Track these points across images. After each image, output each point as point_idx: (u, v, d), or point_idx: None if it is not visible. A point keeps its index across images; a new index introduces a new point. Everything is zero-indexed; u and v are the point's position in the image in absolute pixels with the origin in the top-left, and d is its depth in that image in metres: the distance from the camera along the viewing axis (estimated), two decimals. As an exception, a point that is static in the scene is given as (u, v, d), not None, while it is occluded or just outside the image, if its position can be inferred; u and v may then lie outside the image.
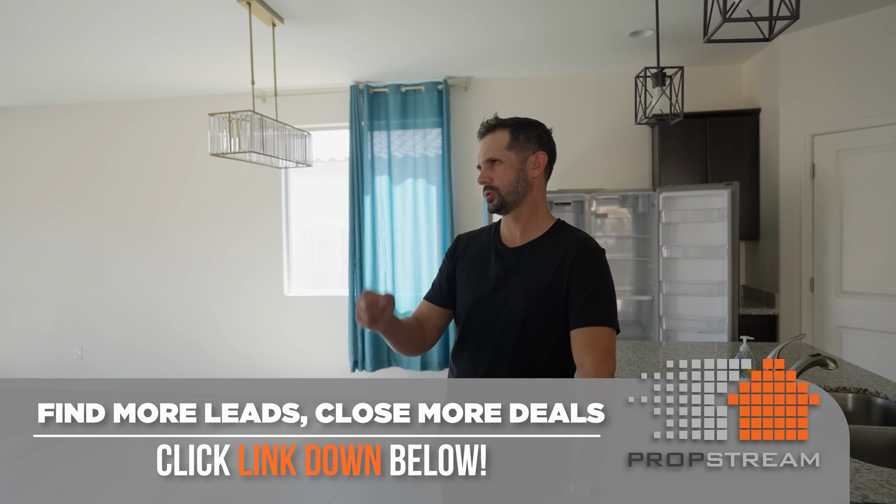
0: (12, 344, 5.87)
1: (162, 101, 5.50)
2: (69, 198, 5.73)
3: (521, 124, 1.58)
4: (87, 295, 5.74)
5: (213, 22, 3.57)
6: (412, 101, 5.05)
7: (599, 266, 1.48)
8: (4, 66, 4.46)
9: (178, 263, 5.59)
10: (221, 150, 3.03)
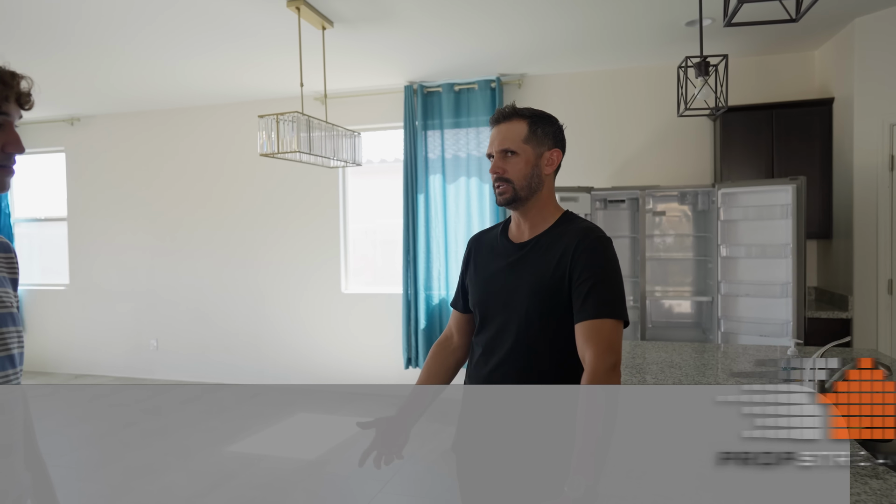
0: (98, 335, 6.32)
1: (223, 106, 5.77)
2: (144, 199, 6.11)
3: (539, 117, 1.53)
4: (162, 290, 6.10)
5: (267, 28, 3.71)
6: (465, 100, 5.06)
7: (602, 255, 1.42)
8: (84, 78, 4.82)
9: (242, 261, 5.84)
10: (270, 151, 3.15)
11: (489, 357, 1.54)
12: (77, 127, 6.29)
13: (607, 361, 1.31)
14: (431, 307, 5.15)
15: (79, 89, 5.21)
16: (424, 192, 5.14)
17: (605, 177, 4.76)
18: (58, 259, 6.55)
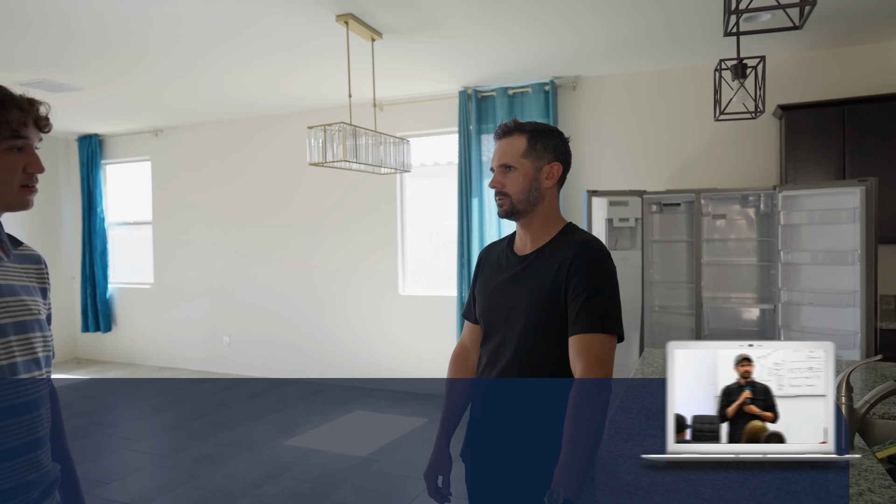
0: (177, 330, 6.79)
1: (286, 116, 6.04)
2: (218, 204, 6.51)
3: (540, 132, 1.56)
4: (234, 290, 6.48)
5: (319, 42, 3.88)
6: (519, 104, 5.06)
7: (598, 268, 1.42)
8: (165, 93, 5.21)
9: (305, 263, 6.11)
10: (318, 161, 3.30)
11: (492, 367, 1.58)
12: (161, 137, 6.78)
13: (596, 376, 1.31)
14: (485, 310, 5.19)
15: (161, 103, 5.63)
16: (479, 196, 5.19)
17: (662, 179, 4.62)
18: (144, 260, 7.09)
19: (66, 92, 5.08)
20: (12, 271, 1.27)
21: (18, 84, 4.78)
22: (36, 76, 4.65)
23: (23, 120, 1.20)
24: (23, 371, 1.20)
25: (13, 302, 1.23)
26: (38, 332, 1.27)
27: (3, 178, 1.18)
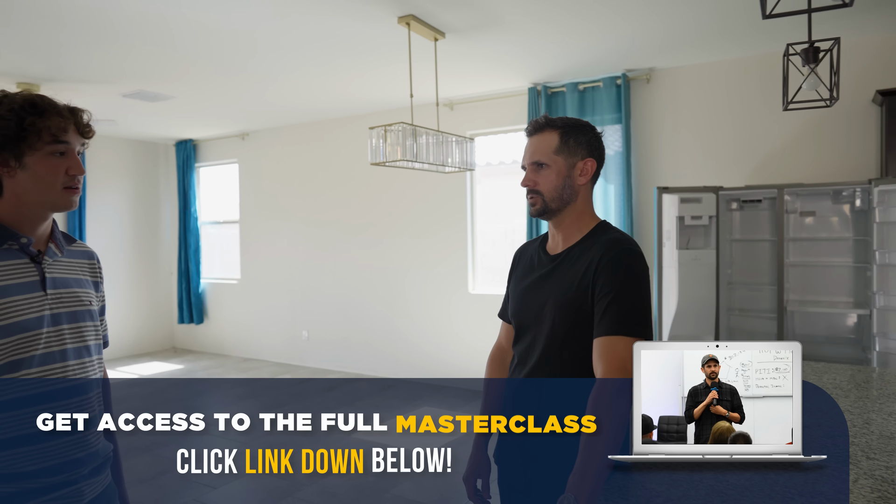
0: (261, 324, 7.16)
1: (358, 117, 6.18)
2: (297, 203, 6.79)
3: (572, 127, 1.50)
4: (312, 287, 6.74)
5: (382, 44, 3.95)
6: (590, 99, 4.93)
7: (626, 268, 1.35)
8: (249, 99, 5.50)
9: (378, 261, 6.25)
10: (379, 161, 3.37)
11: (522, 368, 1.55)
12: (247, 141, 7.17)
13: (616, 380, 1.26)
14: (553, 310, 5.10)
15: (244, 108, 5.96)
16: (547, 194, 5.10)
17: (741, 175, 4.35)
18: (232, 257, 7.53)
19: (161, 101, 5.48)
20: (66, 266, 1.39)
21: (120, 95, 5.24)
22: (134, 87, 5.05)
23: (63, 126, 1.29)
24: (72, 357, 1.32)
25: (66, 294, 1.35)
26: (90, 321, 1.39)
27: (47, 180, 1.28)
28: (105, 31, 3.70)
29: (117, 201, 7.40)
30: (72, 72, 4.58)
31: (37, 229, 1.33)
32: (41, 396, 1.26)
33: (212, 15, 3.44)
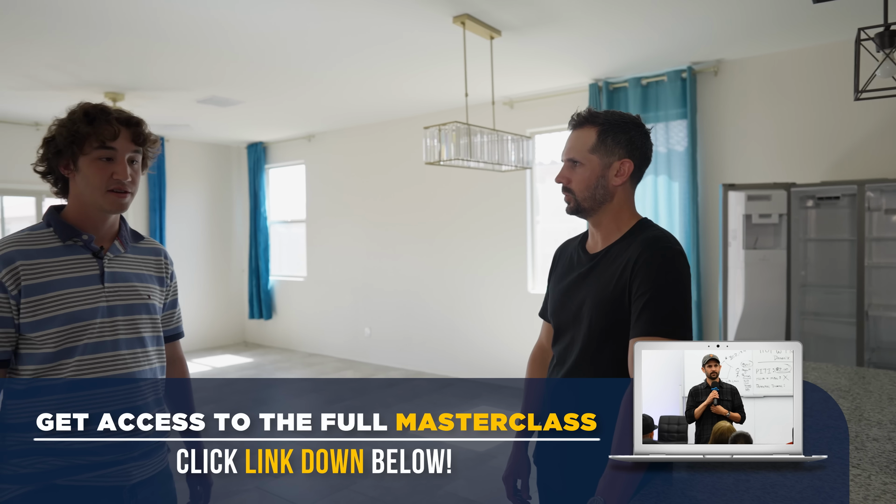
0: (325, 321, 7.38)
1: (418, 117, 6.25)
2: (361, 203, 6.94)
3: (612, 124, 1.45)
4: (374, 285, 6.88)
5: (438, 43, 3.98)
6: (654, 94, 4.78)
7: (664, 267, 1.31)
8: (315, 102, 5.67)
9: (438, 260, 6.30)
10: (434, 160, 3.40)
11: (560, 368, 1.53)
12: (313, 142, 7.40)
13: None
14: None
15: (308, 111, 6.15)
16: (608, 193, 4.99)
17: (817, 170, 4.09)
18: (299, 255, 7.79)
19: (232, 105, 5.75)
20: (128, 261, 1.49)
21: (195, 101, 5.52)
22: (207, 94, 5.32)
23: (111, 133, 1.38)
24: (125, 347, 1.41)
25: (124, 287, 1.45)
26: (146, 314, 1.48)
27: (93, 182, 1.39)
28: (179, 41, 3.91)
29: (193, 202, 7.81)
30: (151, 81, 4.88)
31: (100, 228, 1.44)
32: (92, 382, 1.36)
33: (273, 21, 3.58)
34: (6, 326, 1.32)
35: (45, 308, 1.33)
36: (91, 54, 4.18)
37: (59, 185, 1.45)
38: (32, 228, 1.41)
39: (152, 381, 1.46)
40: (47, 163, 1.42)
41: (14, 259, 1.32)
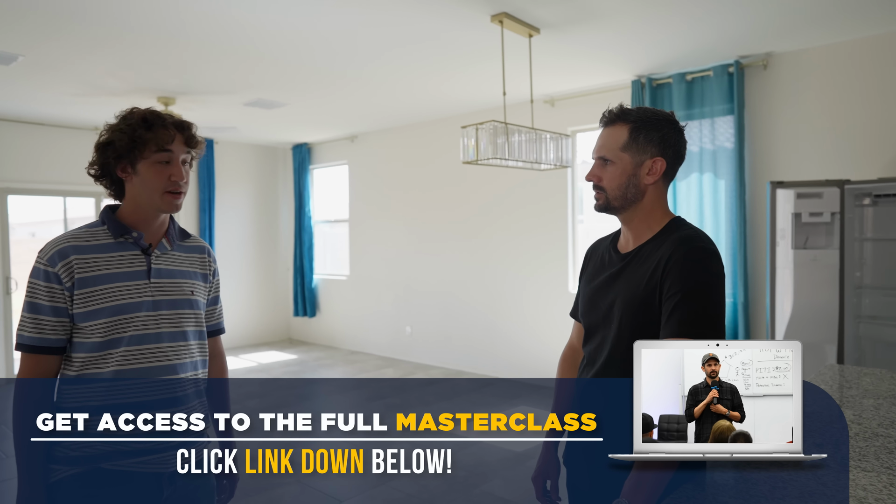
0: (367, 319, 7.47)
1: (458, 117, 6.25)
2: (402, 203, 7.01)
3: (645, 122, 1.42)
4: (415, 283, 6.93)
5: (476, 42, 3.98)
6: (699, 89, 4.65)
7: (696, 267, 1.27)
8: (357, 103, 5.76)
9: (478, 259, 6.30)
10: (471, 159, 3.41)
11: (590, 368, 1.51)
12: (355, 143, 7.51)
13: None
14: (657, 312, 4.87)
15: (352, 112, 6.25)
16: (651, 191, 4.88)
17: (874, 167, 3.91)
18: (342, 254, 7.92)
19: (277, 108, 5.89)
20: (174, 259, 1.56)
21: (242, 104, 5.69)
22: (253, 97, 5.47)
23: (168, 138, 1.47)
24: (167, 340, 1.48)
25: (170, 283, 1.52)
26: (189, 309, 1.54)
27: (152, 184, 1.47)
28: (226, 46, 4.04)
29: (241, 202, 8.04)
30: (200, 85, 5.05)
31: (150, 226, 1.51)
32: (136, 372, 1.43)
33: (314, 24, 3.65)
34: (61, 316, 1.41)
35: (95, 300, 1.41)
36: (144, 61, 4.36)
37: (113, 187, 1.53)
38: (89, 226, 1.50)
39: (193, 374, 1.53)
40: (104, 166, 1.49)
41: (68, 254, 1.41)
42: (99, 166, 1.50)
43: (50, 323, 1.40)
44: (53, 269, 1.40)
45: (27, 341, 1.40)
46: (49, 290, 1.40)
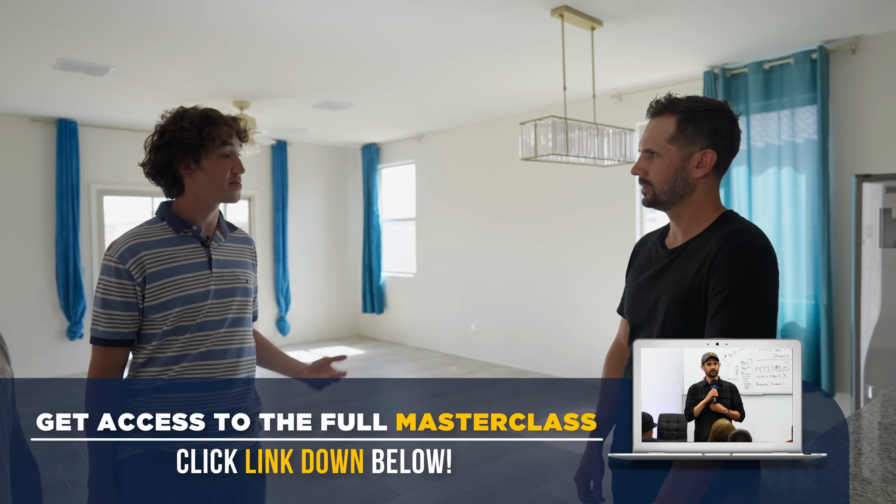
0: (433, 316, 7.54)
1: (521, 115, 6.18)
2: (468, 201, 7.02)
3: (694, 112, 1.35)
4: (481, 281, 6.93)
5: (537, 38, 3.93)
6: (777, 78, 4.39)
7: (745, 262, 1.20)
8: (415, 102, 5.83)
9: (544, 258, 6.22)
10: (530, 155, 3.37)
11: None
12: (422, 142, 7.59)
13: None
14: (731, 314, 4.64)
15: (419, 111, 6.32)
16: (726, 187, 4.65)
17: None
18: (409, 252, 8.03)
19: (344, 109, 6.05)
20: (228, 249, 1.65)
21: (311, 106, 5.88)
22: (321, 98, 5.64)
23: (229, 133, 1.56)
24: (228, 326, 1.57)
25: (227, 273, 1.61)
26: (246, 297, 1.63)
27: (218, 178, 1.56)
28: (294, 51, 4.19)
29: (312, 201, 8.31)
30: (272, 89, 5.26)
31: (206, 219, 1.60)
32: (200, 356, 1.52)
33: (378, 25, 3.72)
34: (132, 310, 1.50)
35: (165, 292, 1.50)
36: (221, 68, 4.59)
37: (170, 185, 1.61)
38: (149, 223, 1.59)
39: (249, 358, 1.62)
40: (164, 164, 1.56)
41: (138, 250, 1.50)
42: (158, 165, 1.57)
43: (121, 317, 1.49)
44: (125, 266, 1.48)
45: (101, 335, 1.49)
46: (121, 286, 1.48)
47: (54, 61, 4.36)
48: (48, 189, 6.36)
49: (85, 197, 6.55)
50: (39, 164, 6.32)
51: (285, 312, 7.87)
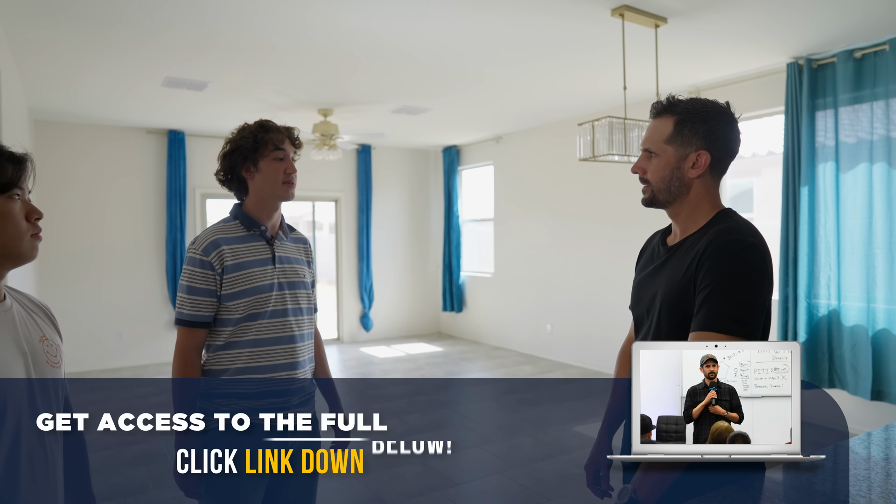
0: (510, 316, 7.61)
1: (595, 114, 6.09)
2: (545, 202, 7.03)
3: (692, 114, 1.39)
4: (557, 281, 6.92)
5: (599, 38, 3.91)
6: (870, 68, 4.10)
7: (731, 260, 1.23)
8: (490, 104, 5.93)
9: (618, 258, 6.12)
10: (587, 156, 3.39)
11: None
12: (500, 144, 7.69)
13: None
14: (816, 318, 4.38)
15: (492, 114, 6.43)
16: (809, 185, 4.40)
17: None
18: (487, 252, 8.15)
19: (421, 113, 6.27)
20: (289, 248, 1.88)
21: (389, 111, 6.15)
22: (399, 104, 5.89)
23: (280, 139, 1.80)
24: (291, 315, 1.79)
25: (289, 268, 1.83)
26: (304, 290, 1.85)
27: (273, 177, 1.78)
28: (373, 59, 4.43)
29: (395, 203, 8.63)
30: (352, 96, 5.57)
31: (271, 219, 1.83)
32: (269, 341, 1.75)
33: (447, 30, 3.85)
34: (211, 297, 1.74)
35: (239, 282, 1.74)
36: (305, 78, 4.93)
37: (237, 188, 1.85)
38: (224, 221, 1.84)
39: (308, 343, 1.84)
40: (231, 169, 1.82)
41: (220, 244, 1.75)
42: (226, 171, 1.83)
43: (204, 302, 1.73)
44: (207, 258, 1.73)
45: (186, 317, 1.74)
46: (204, 275, 1.73)
47: (162, 80, 4.88)
48: (160, 194, 7.07)
49: (191, 200, 7.21)
50: (153, 171, 7.04)
51: (369, 309, 8.24)
